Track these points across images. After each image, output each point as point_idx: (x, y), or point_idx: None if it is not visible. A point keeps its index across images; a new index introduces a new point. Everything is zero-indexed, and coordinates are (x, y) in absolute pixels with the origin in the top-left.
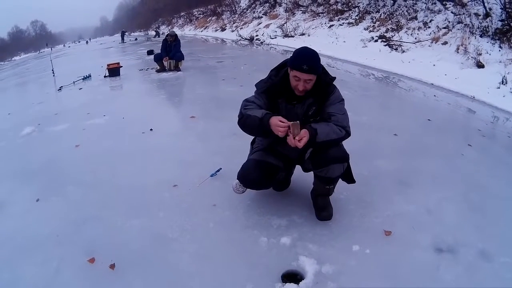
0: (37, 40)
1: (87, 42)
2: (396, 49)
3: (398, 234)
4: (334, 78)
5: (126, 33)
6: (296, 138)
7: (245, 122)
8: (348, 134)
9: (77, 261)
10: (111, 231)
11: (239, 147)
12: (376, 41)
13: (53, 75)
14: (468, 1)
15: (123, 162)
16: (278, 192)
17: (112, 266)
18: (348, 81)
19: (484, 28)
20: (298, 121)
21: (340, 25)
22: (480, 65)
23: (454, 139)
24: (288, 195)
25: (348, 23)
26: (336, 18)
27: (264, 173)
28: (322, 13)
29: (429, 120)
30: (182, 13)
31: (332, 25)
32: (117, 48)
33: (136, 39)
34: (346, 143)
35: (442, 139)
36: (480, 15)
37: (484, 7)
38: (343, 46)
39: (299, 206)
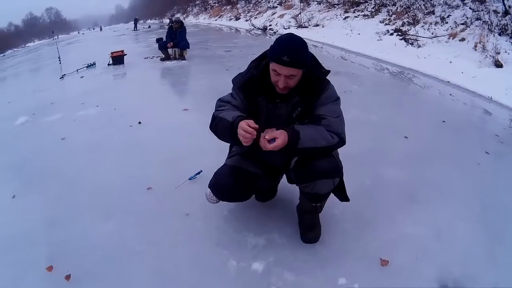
0: (51, 27)
1: (100, 29)
2: (412, 44)
3: (396, 264)
4: (328, 71)
5: (141, 21)
6: (266, 136)
7: (217, 127)
8: (342, 141)
9: (38, 268)
10: (78, 235)
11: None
12: (391, 34)
13: (60, 63)
14: None
15: (104, 158)
16: (261, 202)
17: (68, 277)
18: (360, 75)
19: (503, 26)
20: (273, 129)
21: (356, 17)
22: (498, 65)
23: (469, 145)
24: (272, 207)
25: (364, 15)
26: (352, 10)
27: (239, 183)
28: (337, 4)
29: (443, 121)
30: (198, 2)
31: (347, 17)
32: (128, 36)
33: (149, 26)
34: (348, 145)
35: (457, 145)
36: (499, 13)
37: (504, 4)
38: (357, 38)
39: (283, 222)
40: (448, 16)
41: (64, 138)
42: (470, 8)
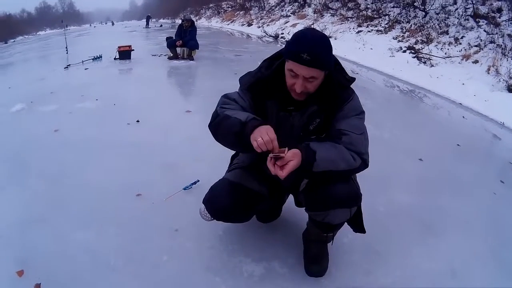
0: (63, 17)
1: (112, 24)
2: (424, 63)
3: None
4: (353, 79)
5: (153, 19)
6: (277, 163)
7: (220, 125)
8: (365, 164)
9: (8, 271)
10: (53, 240)
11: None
12: (404, 51)
13: (67, 53)
14: (502, 21)
15: (94, 156)
16: (263, 223)
17: (37, 287)
18: (371, 90)
19: None
20: (283, 154)
21: (369, 31)
22: (511, 90)
23: (485, 172)
24: (275, 230)
25: (377, 31)
26: (365, 24)
27: (239, 203)
28: (351, 17)
29: (458, 145)
30: (211, 5)
31: (361, 31)
32: (139, 32)
33: (161, 25)
34: None
35: (472, 171)
36: None
37: None
38: (369, 53)
39: (285, 249)
40: (462, 37)
41: (57, 130)
42: (485, 31)
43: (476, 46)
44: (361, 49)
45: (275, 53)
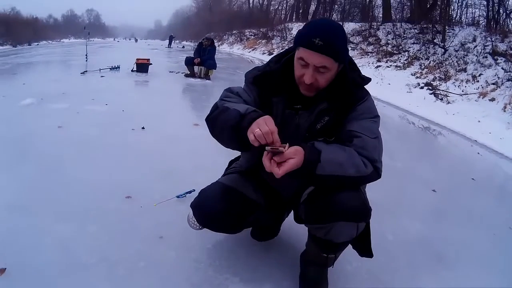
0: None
1: (136, 40)
2: (441, 99)
3: None
4: (369, 79)
5: (177, 41)
6: (275, 158)
7: (218, 118)
8: (377, 173)
9: None
10: (30, 229)
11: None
12: (422, 88)
13: (86, 60)
14: None
15: (92, 155)
16: (257, 241)
17: (2, 271)
18: (387, 122)
19: None
20: (282, 148)
21: (388, 67)
22: None
23: (500, 207)
24: (270, 249)
25: (396, 66)
26: (385, 59)
27: (231, 209)
28: (371, 52)
29: (473, 179)
30: (234, 31)
31: (379, 66)
32: (161, 51)
33: (183, 46)
34: (369, 190)
35: (488, 205)
36: None
37: None
38: (387, 88)
39: (280, 269)
40: (479, 75)
41: (61, 126)
42: (502, 68)
43: (493, 84)
44: (378, 84)
45: (284, 50)
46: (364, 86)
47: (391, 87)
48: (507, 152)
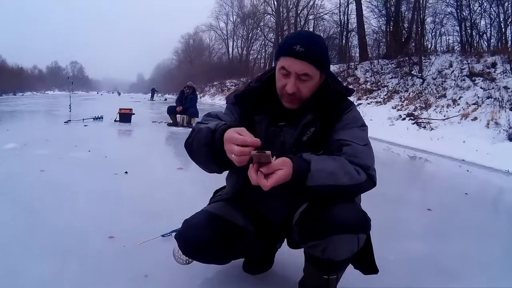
0: (72, 79)
1: (119, 94)
2: (424, 127)
3: None
4: (353, 90)
5: (159, 94)
6: (262, 170)
7: (194, 140)
8: (371, 181)
9: None
10: (5, 267)
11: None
12: (403, 119)
13: (70, 111)
14: (497, 74)
15: (73, 197)
16: (250, 275)
17: None
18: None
19: None
20: (269, 152)
21: (368, 103)
22: None
23: (498, 216)
24: (264, 282)
25: (376, 102)
26: (365, 97)
27: (217, 238)
28: None
29: (466, 194)
30: (215, 83)
31: (360, 104)
32: (144, 103)
33: (166, 99)
34: None
35: (486, 215)
36: (509, 88)
37: None
38: (369, 124)
39: None
40: (459, 98)
41: (43, 170)
42: (481, 88)
43: (474, 104)
44: None
45: (266, 70)
46: (348, 98)
47: (373, 122)
48: (496, 165)
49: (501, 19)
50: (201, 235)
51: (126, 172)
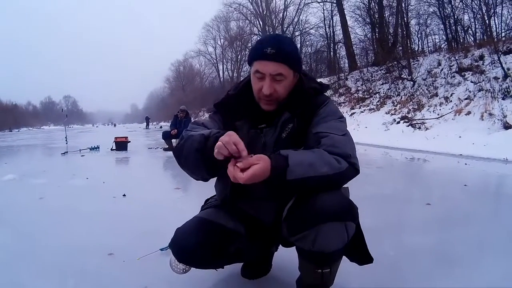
0: (67, 113)
1: (114, 125)
2: (419, 128)
3: None
4: (327, 86)
5: (154, 122)
6: (238, 164)
7: (183, 146)
8: (354, 168)
9: None
10: (7, 284)
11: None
12: (398, 123)
13: (66, 143)
14: (486, 66)
15: (72, 220)
16: (248, 280)
17: None
18: (370, 159)
19: (506, 89)
20: (251, 155)
21: (362, 112)
22: (507, 126)
23: (499, 204)
24: (264, 286)
25: (370, 109)
26: (358, 106)
27: (208, 241)
28: (343, 102)
29: (465, 185)
30: (209, 107)
31: (354, 113)
32: (139, 132)
33: (161, 127)
34: (362, 218)
35: (486, 204)
36: (499, 78)
37: (502, 68)
38: (365, 131)
39: None
40: (451, 95)
41: (42, 198)
42: (472, 82)
43: (466, 99)
44: (356, 130)
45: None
46: (324, 93)
47: (368, 130)
48: (494, 155)
49: (484, 11)
50: (192, 238)
51: (124, 195)
